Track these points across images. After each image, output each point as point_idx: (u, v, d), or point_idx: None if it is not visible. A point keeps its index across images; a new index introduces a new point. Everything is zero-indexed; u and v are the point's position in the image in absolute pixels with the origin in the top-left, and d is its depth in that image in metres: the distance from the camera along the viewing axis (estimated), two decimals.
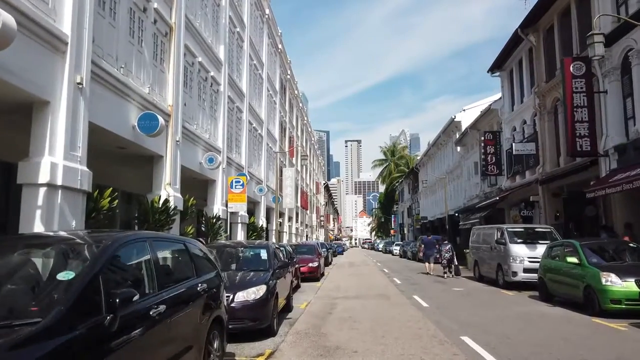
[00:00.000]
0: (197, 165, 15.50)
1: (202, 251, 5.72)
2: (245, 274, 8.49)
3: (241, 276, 8.35)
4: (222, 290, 5.78)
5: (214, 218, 16.73)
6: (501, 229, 16.13)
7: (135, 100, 10.98)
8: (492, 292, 14.53)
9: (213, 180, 17.51)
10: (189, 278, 4.79)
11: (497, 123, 27.83)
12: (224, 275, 8.37)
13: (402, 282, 18.10)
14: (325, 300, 13.02)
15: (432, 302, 12.13)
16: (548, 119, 20.65)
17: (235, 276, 8.35)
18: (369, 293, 14.41)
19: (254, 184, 24.69)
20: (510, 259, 14.88)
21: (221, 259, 9.25)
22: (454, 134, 38.33)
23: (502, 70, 26.20)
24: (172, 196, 12.62)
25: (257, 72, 25.66)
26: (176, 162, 13.22)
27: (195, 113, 15.50)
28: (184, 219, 13.95)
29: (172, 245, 4.87)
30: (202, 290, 4.90)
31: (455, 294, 13.99)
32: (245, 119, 22.16)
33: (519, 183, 23.88)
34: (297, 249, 21.67)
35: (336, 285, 17.30)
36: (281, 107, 33.98)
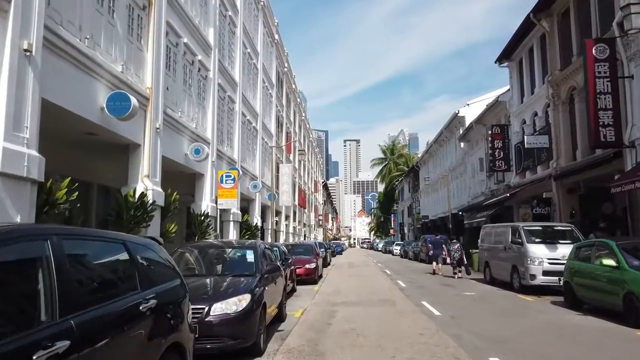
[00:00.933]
0: (182, 156, 14.06)
1: (158, 255, 4.29)
2: (227, 280, 7.05)
3: (221, 283, 6.92)
4: (184, 306, 4.36)
5: (202, 215, 15.28)
6: (516, 227, 14.71)
7: (105, 78, 9.54)
8: (508, 297, 13.12)
9: (201, 175, 16.07)
10: (127, 293, 3.35)
11: (505, 116, 26.43)
12: (201, 282, 6.97)
13: (406, 285, 16.68)
14: (323, 306, 11.59)
15: (444, 309, 10.70)
16: (563, 109, 19.24)
17: (214, 283, 6.92)
18: (371, 298, 12.98)
19: (248, 180, 23.26)
20: (527, 261, 13.46)
21: (199, 262, 7.83)
22: (458, 130, 36.95)
23: (510, 60, 24.79)
24: (151, 190, 11.20)
25: (252, 62, 24.21)
26: (156, 151, 11.78)
27: (180, 99, 14.05)
28: (166, 216, 12.51)
29: (100, 247, 3.39)
30: (147, 309, 3.47)
31: (467, 300, 12.58)
32: (238, 110, 20.72)
33: (530, 179, 22.48)
34: (294, 249, 20.26)
35: (335, 288, 15.87)
36: (278, 101, 32.54)
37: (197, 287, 6.60)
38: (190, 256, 7.95)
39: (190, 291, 6.51)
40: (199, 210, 15.47)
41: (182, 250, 8.07)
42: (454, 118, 36.78)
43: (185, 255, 7.94)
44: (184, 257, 7.85)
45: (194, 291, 6.48)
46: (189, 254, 7.99)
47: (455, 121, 37.25)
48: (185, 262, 7.75)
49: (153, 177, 11.56)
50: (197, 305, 5.97)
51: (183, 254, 7.91)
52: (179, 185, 16.64)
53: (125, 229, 10.44)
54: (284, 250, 14.98)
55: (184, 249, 8.11)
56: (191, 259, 7.89)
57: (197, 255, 7.99)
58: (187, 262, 7.79)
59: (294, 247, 20.70)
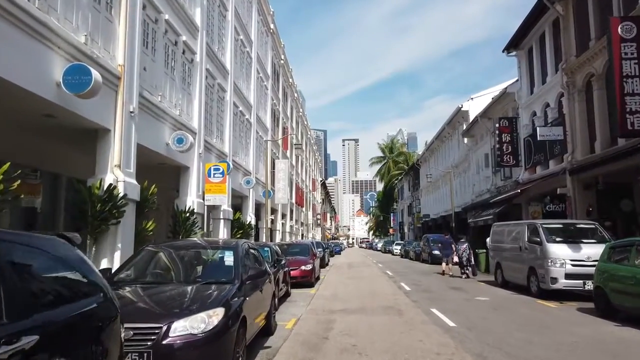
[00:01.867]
0: (163, 146, 12.63)
1: (63, 261, 2.85)
2: (197, 289, 5.62)
3: (188, 294, 5.49)
4: (109, 334, 2.93)
5: (187, 212, 13.86)
6: (534, 225, 13.31)
7: (62, 48, 8.11)
8: (527, 303, 11.71)
9: (186, 167, 14.65)
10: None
11: (513, 109, 25.03)
12: (161, 293, 5.55)
13: (411, 288, 15.26)
14: (319, 315, 10.17)
15: (459, 319, 9.29)
16: (579, 98, 17.84)
17: (179, 294, 5.50)
18: (374, 304, 11.56)
19: (241, 176, 21.83)
20: (548, 262, 12.05)
21: (165, 266, 6.40)
22: (461, 125, 35.55)
23: (519, 49, 23.37)
24: (122, 182, 9.78)
25: (245, 50, 22.77)
26: (130, 138, 10.35)
27: (161, 82, 12.62)
28: (142, 212, 11.09)
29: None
30: (12, 353, 2.03)
31: (483, 307, 11.16)
32: (230, 100, 19.28)
33: (541, 174, 21.08)
34: (289, 249, 18.85)
35: (333, 292, 14.45)
36: (273, 94, 31.10)
37: (155, 299, 5.21)
38: (155, 258, 6.52)
39: (144, 305, 5.11)
40: (183, 206, 14.04)
41: (147, 251, 6.63)
42: (457, 113, 35.35)
43: (148, 257, 6.50)
44: (146, 260, 6.42)
45: (150, 305, 5.05)
46: (154, 256, 6.56)
47: (458, 116, 35.83)
48: (147, 265, 6.32)
49: (126, 168, 10.14)
50: (149, 324, 4.57)
51: (145, 255, 6.47)
52: (162, 179, 15.23)
53: (91, 226, 9.05)
54: (276, 251, 13.55)
55: (149, 250, 6.67)
56: (156, 262, 6.46)
57: (165, 257, 6.55)
58: (150, 265, 6.36)
59: (289, 247, 19.28)
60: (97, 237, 9.27)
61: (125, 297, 5.19)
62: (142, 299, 5.22)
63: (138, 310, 4.88)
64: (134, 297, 5.25)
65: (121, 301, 4.92)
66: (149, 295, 5.34)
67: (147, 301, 5.16)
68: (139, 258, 6.41)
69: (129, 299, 5.14)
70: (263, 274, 6.53)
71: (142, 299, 5.22)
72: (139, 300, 5.17)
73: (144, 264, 6.33)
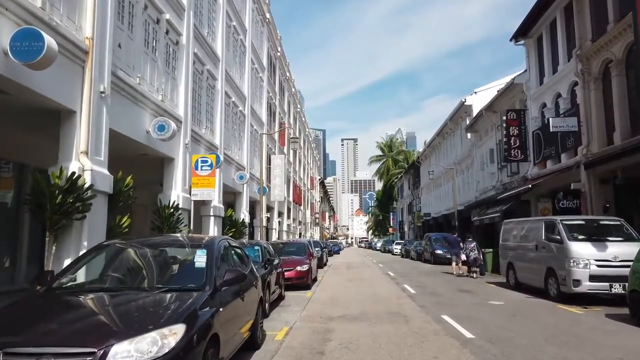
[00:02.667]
0: (143, 134, 11.38)
1: None
2: (154, 298, 4.38)
3: (141, 305, 4.26)
4: None
5: (171, 207, 12.61)
6: (552, 221, 12.08)
7: (13, 12, 6.89)
8: (547, 308, 10.49)
9: (171, 159, 13.41)
10: None
11: (521, 101, 23.81)
12: (106, 303, 4.32)
13: (416, 290, 14.04)
14: (315, 322, 8.94)
15: (476, 328, 8.07)
16: (595, 86, 16.63)
17: (129, 304, 4.26)
18: (377, 310, 10.33)
19: (234, 170, 20.60)
20: (570, 262, 10.84)
21: (121, 268, 5.17)
22: (464, 121, 34.34)
23: (528, 38, 22.16)
24: (90, 170, 8.54)
25: (238, 38, 21.52)
26: (100, 122, 9.10)
27: (140, 63, 11.36)
28: (116, 206, 9.85)
29: None
30: None
31: (499, 313, 9.93)
32: (221, 88, 18.03)
33: (552, 169, 19.89)
34: (284, 248, 17.64)
35: (331, 295, 13.23)
36: (269, 87, 29.85)
37: (95, 313, 3.98)
38: (109, 259, 5.28)
39: (78, 321, 3.88)
40: (167, 201, 12.80)
41: (100, 249, 5.39)
42: (460, 107, 34.17)
43: (101, 257, 5.26)
44: (98, 261, 5.18)
45: (86, 321, 3.82)
46: (109, 256, 5.32)
47: (461, 111, 34.64)
48: (97, 268, 5.09)
49: (95, 155, 8.90)
50: (78, 349, 3.34)
51: (98, 255, 5.23)
52: (145, 172, 14.00)
53: (50, 221, 7.81)
54: (268, 250, 12.30)
55: (103, 248, 5.43)
56: (109, 264, 5.22)
57: (122, 257, 5.31)
58: (102, 268, 5.12)
59: (284, 247, 18.06)
60: (58, 234, 8.02)
61: (57, 309, 3.96)
62: (79, 312, 4.01)
63: (66, 328, 3.65)
64: (69, 310, 4.04)
65: (48, 315, 3.68)
66: (90, 307, 4.11)
67: (85, 315, 3.94)
68: (89, 258, 5.18)
69: (60, 313, 3.91)
70: (243, 278, 5.28)
71: (79, 312, 4.01)
72: (74, 315, 3.95)
73: (94, 266, 5.10)
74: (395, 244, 50.46)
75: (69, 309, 4.03)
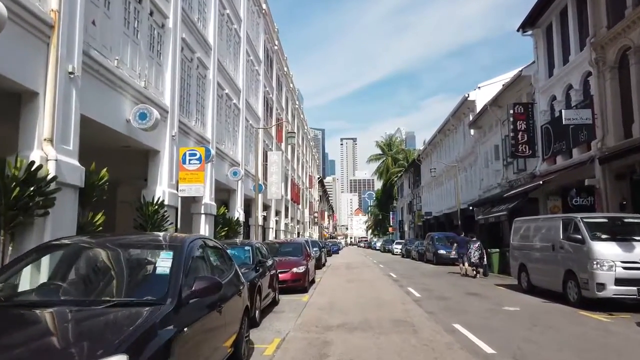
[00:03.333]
0: (122, 123, 10.33)
1: None
2: (93, 317, 3.34)
3: (72, 326, 3.21)
4: None
5: (156, 204, 11.57)
6: (572, 219, 11.04)
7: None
8: (569, 315, 9.47)
9: (156, 151, 12.37)
10: None
11: (528, 94, 22.79)
12: (27, 325, 3.26)
13: (422, 294, 13.01)
14: (311, 332, 7.91)
15: (495, 340, 7.04)
16: (611, 76, 15.62)
17: (57, 326, 3.22)
18: (380, 317, 9.30)
19: (227, 166, 19.56)
20: (593, 264, 9.82)
21: (60, 275, 4.13)
22: (467, 117, 33.34)
23: (536, 28, 21.15)
24: (54, 160, 7.51)
25: (232, 27, 20.48)
26: (68, 107, 8.06)
27: (118, 44, 10.31)
28: (89, 202, 8.82)
29: None
30: None
31: (517, 321, 8.90)
32: (213, 79, 16.98)
33: (562, 165, 18.88)
34: (280, 248, 16.62)
35: (330, 300, 12.20)
36: (266, 81, 28.80)
37: (6, 340, 2.92)
38: (52, 262, 4.24)
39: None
40: (151, 197, 11.76)
41: (43, 250, 4.35)
42: (463, 103, 33.10)
43: (45, 260, 4.21)
44: (37, 265, 4.14)
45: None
46: (53, 258, 4.28)
47: (464, 107, 33.59)
48: (35, 274, 4.04)
49: (62, 144, 7.86)
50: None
51: (38, 258, 4.19)
52: (129, 166, 13.02)
53: (4, 217, 6.77)
54: (261, 251, 11.24)
55: (48, 249, 4.39)
56: (50, 268, 4.18)
57: (68, 260, 4.27)
58: (41, 273, 4.08)
59: (280, 247, 17.03)
60: (15, 233, 6.98)
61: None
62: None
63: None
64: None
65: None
66: (3, 331, 3.05)
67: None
68: (27, 262, 4.13)
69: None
70: (220, 287, 4.23)
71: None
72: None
73: (31, 272, 4.06)
74: (396, 244, 49.46)
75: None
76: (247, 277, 8.43)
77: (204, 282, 3.97)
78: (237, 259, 9.83)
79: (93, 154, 10.34)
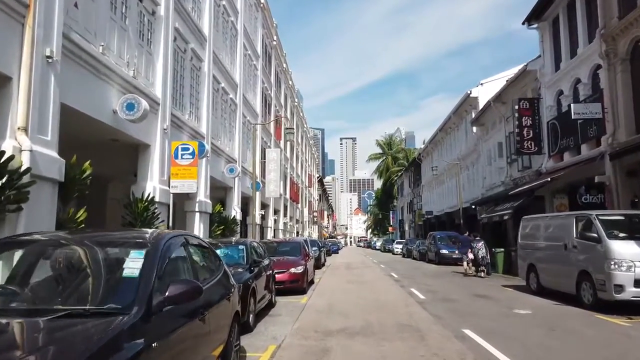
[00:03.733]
0: (109, 113, 9.70)
1: None
2: (40, 329, 2.71)
3: (10, 341, 2.57)
4: None
5: (145, 201, 10.95)
6: (587, 217, 10.42)
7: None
8: (585, 319, 8.85)
9: (146, 145, 11.75)
10: None
11: (533, 90, 22.15)
12: None
13: (426, 296, 12.38)
14: (309, 340, 7.27)
15: (511, 348, 6.42)
16: (622, 68, 14.97)
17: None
18: (383, 321, 8.68)
19: (223, 163, 18.93)
20: (610, 265, 9.20)
21: (11, 279, 3.50)
22: (469, 114, 32.71)
23: (542, 21, 20.51)
24: (29, 151, 6.88)
25: (229, 19, 19.85)
26: (46, 93, 7.43)
27: (104, 30, 9.68)
28: (70, 197, 8.20)
29: None
30: None
31: (532, 326, 8.28)
32: (208, 71, 16.35)
33: (570, 161, 18.24)
34: (278, 247, 15.99)
35: (330, 301, 11.57)
36: (264, 77, 28.16)
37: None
38: (9, 262, 3.60)
39: None
40: (140, 193, 11.13)
41: (3, 246, 3.72)
42: (465, 100, 32.49)
43: (1, 258, 3.58)
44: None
45: None
46: (9, 257, 3.64)
47: (466, 104, 32.97)
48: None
49: (38, 134, 7.23)
50: None
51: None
52: (119, 161, 12.43)
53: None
54: (257, 250, 10.59)
55: (5, 245, 3.76)
56: (11, 268, 3.54)
57: (28, 259, 3.64)
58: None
59: (278, 246, 16.40)
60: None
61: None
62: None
63: None
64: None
65: None
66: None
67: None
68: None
69: None
70: (200, 292, 3.60)
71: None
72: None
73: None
74: (396, 243, 48.89)
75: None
76: (240, 279, 7.83)
77: (180, 287, 3.34)
78: (230, 258, 9.23)
79: (79, 148, 9.75)
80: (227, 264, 8.81)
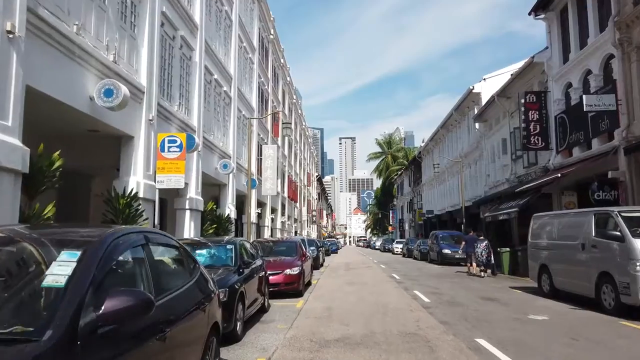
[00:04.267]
0: (85, 100, 8.84)
1: None
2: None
3: None
4: None
5: (128, 197, 10.10)
6: (607, 214, 9.58)
7: None
8: (610, 326, 8.02)
9: (129, 137, 10.89)
10: None
11: (540, 83, 21.31)
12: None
13: (431, 299, 11.52)
14: (303, 351, 6.42)
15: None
16: (637, 57, 14.12)
17: None
18: (387, 329, 7.83)
19: (217, 159, 18.07)
20: (636, 266, 8.37)
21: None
22: (471, 110, 31.87)
23: (549, 10, 19.67)
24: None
25: (223, 9, 18.98)
26: (6, 73, 6.58)
27: (78, 7, 8.78)
28: (36, 191, 7.35)
29: None
30: None
31: (552, 334, 7.43)
32: (199, 61, 15.49)
33: (580, 157, 17.42)
34: (274, 247, 15.14)
35: (328, 306, 10.71)
36: (261, 71, 27.29)
37: None
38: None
39: None
40: (122, 188, 10.27)
41: None
42: (468, 95, 31.65)
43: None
44: None
45: None
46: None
47: (468, 100, 32.13)
48: None
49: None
50: None
51: None
52: (102, 155, 11.59)
53: None
54: (248, 250, 9.72)
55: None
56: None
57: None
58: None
59: (273, 246, 15.54)
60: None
61: None
62: None
63: None
64: None
65: None
66: None
67: None
68: None
69: None
70: (151, 307, 2.75)
71: None
72: None
73: None
74: (396, 243, 48.03)
75: None
76: (226, 282, 6.99)
77: (121, 300, 2.48)
78: (217, 260, 8.38)
79: (56, 139, 8.95)
80: (214, 266, 8.00)
